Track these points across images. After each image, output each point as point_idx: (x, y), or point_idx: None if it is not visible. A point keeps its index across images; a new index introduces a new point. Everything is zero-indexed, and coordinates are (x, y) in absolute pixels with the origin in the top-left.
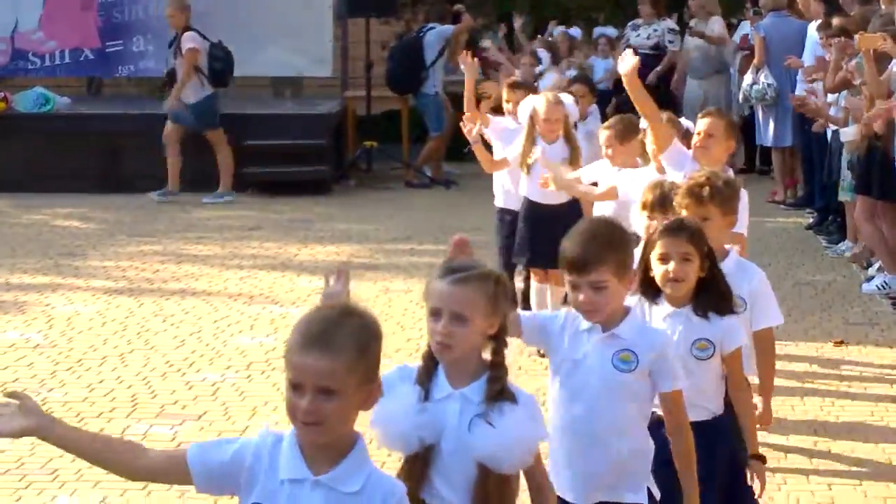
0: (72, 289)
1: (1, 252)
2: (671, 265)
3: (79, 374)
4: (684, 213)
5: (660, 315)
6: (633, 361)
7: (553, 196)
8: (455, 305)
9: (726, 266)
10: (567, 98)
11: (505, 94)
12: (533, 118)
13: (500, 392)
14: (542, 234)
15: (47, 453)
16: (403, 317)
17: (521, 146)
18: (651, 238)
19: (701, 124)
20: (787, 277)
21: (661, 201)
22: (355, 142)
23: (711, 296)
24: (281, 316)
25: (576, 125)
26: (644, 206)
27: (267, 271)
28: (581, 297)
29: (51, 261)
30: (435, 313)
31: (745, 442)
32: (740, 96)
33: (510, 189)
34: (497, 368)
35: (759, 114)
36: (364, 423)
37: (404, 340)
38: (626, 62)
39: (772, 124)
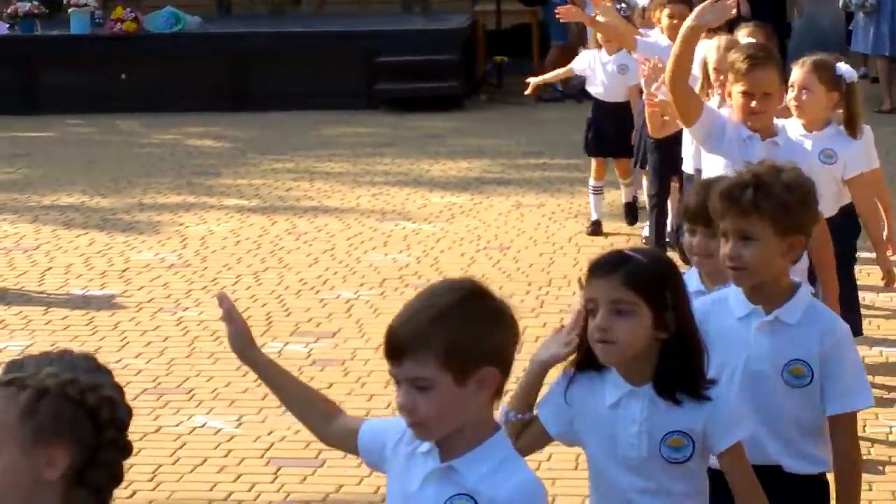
0: (205, 208)
1: (134, 172)
2: (599, 318)
3: (213, 292)
4: (721, 225)
5: (609, 398)
6: None
7: None
8: None
9: (788, 313)
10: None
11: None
12: (705, 68)
13: None
14: None
15: (184, 373)
16: (536, 231)
17: None
18: (581, 278)
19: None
20: None
21: (704, 208)
22: (485, 57)
23: (680, 368)
24: (414, 232)
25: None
26: (686, 214)
27: (399, 188)
28: (400, 398)
29: (183, 180)
30: None
31: None
32: (840, 2)
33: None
34: None
35: (860, 19)
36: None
37: (537, 255)
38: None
39: (872, 31)
